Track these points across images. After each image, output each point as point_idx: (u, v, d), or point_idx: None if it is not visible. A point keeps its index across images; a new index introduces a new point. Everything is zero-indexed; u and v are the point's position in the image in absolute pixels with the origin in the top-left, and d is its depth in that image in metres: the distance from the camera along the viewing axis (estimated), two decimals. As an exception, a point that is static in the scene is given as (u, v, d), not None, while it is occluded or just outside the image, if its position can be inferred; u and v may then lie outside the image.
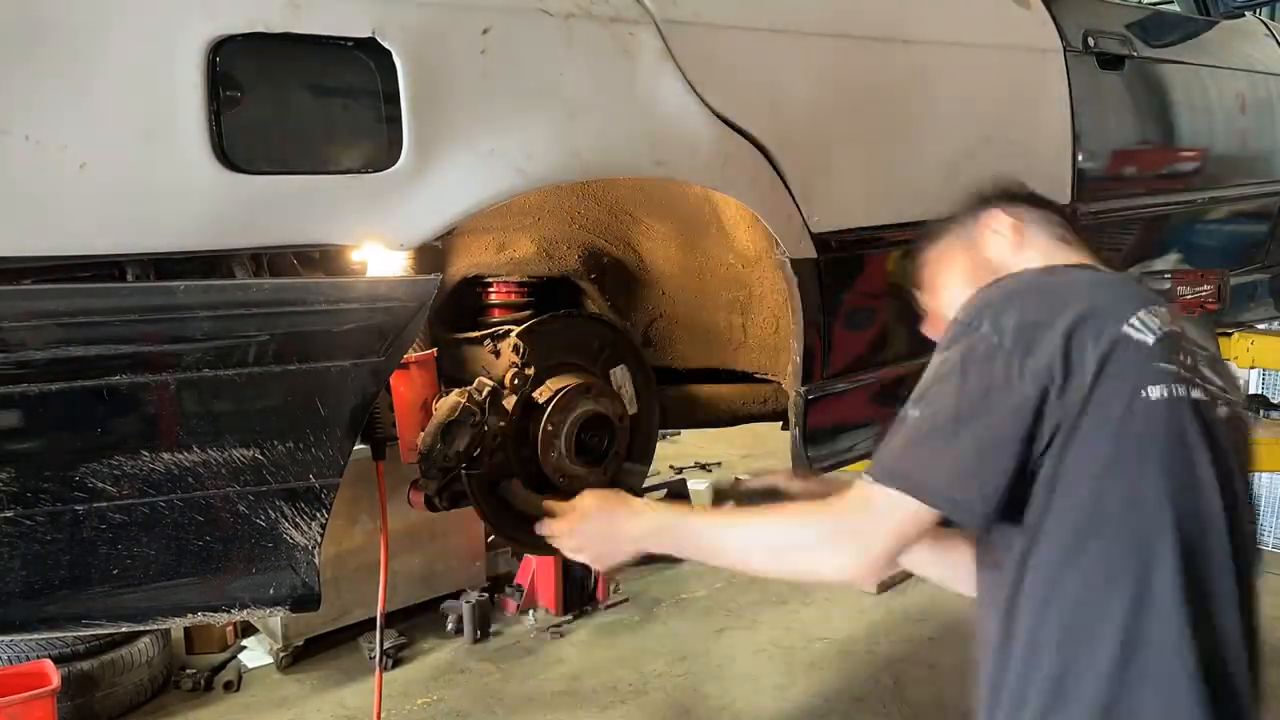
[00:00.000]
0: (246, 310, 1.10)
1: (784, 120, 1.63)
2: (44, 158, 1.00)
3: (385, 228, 1.19)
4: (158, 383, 1.07)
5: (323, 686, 3.84)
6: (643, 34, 1.41)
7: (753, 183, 1.58)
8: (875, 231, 1.87)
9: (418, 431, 1.54)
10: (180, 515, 1.11)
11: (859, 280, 1.90)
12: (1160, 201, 2.76)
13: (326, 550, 1.23)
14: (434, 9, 1.20)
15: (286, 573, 1.18)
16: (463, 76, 1.23)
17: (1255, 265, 3.30)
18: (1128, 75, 2.53)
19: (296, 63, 1.13)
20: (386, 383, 1.47)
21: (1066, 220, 1.42)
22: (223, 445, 1.11)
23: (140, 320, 1.06)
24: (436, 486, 1.61)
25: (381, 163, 1.18)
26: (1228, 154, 3.00)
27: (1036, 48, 2.25)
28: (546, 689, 3.83)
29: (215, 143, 1.07)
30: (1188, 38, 2.82)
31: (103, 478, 1.06)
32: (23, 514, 1.03)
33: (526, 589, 4.49)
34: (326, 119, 1.16)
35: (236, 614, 1.22)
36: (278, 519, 1.16)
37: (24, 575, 1.05)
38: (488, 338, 1.68)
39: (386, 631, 4.10)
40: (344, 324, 1.15)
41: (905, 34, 1.88)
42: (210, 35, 1.06)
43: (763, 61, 1.61)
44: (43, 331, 1.00)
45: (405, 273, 1.29)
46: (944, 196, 2.00)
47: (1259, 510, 1.27)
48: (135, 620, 1.17)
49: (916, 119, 1.92)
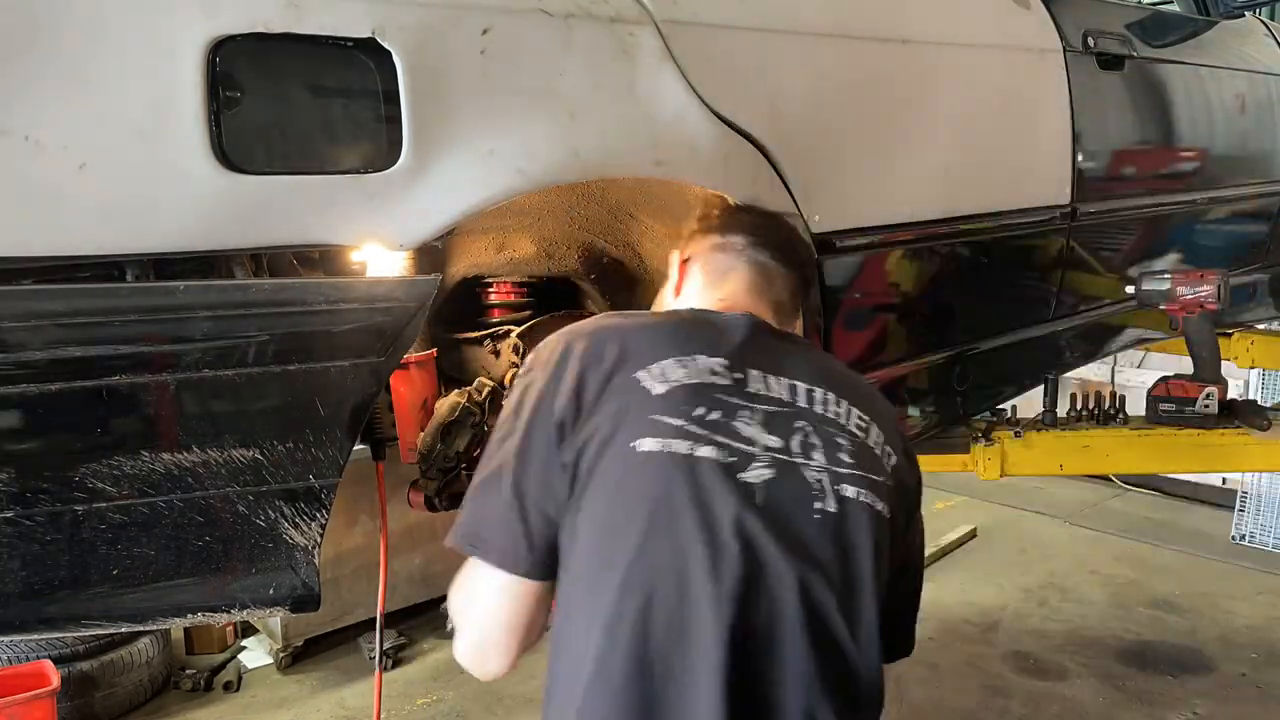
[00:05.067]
0: (246, 310, 1.10)
1: (784, 120, 1.63)
2: (44, 158, 1.00)
3: (385, 228, 1.19)
4: (158, 383, 1.07)
5: (323, 687, 3.84)
6: (642, 34, 1.41)
7: (752, 183, 1.58)
8: (875, 231, 1.87)
9: (417, 431, 1.54)
10: (180, 515, 1.11)
11: (859, 280, 1.91)
12: (1160, 201, 2.77)
13: (326, 550, 1.23)
14: (434, 9, 1.20)
15: (286, 573, 1.18)
16: (463, 77, 1.23)
17: (1255, 265, 3.30)
18: (1128, 75, 2.53)
19: (296, 63, 1.13)
20: (386, 383, 1.47)
21: (780, 242, 1.34)
22: (222, 445, 1.11)
23: (140, 320, 1.06)
24: (436, 486, 1.61)
25: (381, 163, 1.18)
26: (1227, 154, 3.00)
27: (1036, 48, 2.25)
28: (546, 689, 3.82)
29: (215, 143, 1.07)
30: (1187, 38, 2.82)
31: (102, 478, 1.06)
32: (23, 514, 1.03)
33: (526, 589, 4.49)
34: (326, 119, 1.16)
35: (236, 614, 1.22)
36: (277, 519, 1.16)
37: (24, 575, 1.05)
38: (488, 338, 1.68)
39: (386, 631, 4.10)
40: (344, 324, 1.15)
41: (905, 34, 1.88)
42: (210, 35, 1.06)
43: (763, 61, 1.61)
44: (43, 331, 1.00)
45: (405, 273, 1.29)
46: (943, 196, 2.01)
47: (861, 608, 1.10)
48: (135, 620, 1.17)
49: (916, 119, 1.92)
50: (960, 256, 2.18)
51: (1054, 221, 2.35)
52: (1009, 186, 2.21)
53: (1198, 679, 3.80)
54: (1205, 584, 4.69)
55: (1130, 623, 4.28)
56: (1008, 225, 2.23)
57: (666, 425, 1.07)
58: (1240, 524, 5.34)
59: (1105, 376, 5.58)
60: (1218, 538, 5.31)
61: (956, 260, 2.17)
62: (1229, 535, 5.33)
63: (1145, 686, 3.74)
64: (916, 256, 2.05)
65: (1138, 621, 4.30)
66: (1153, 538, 5.30)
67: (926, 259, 2.08)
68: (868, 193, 1.83)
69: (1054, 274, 2.48)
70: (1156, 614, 4.37)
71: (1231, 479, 5.48)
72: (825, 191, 1.72)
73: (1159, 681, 3.78)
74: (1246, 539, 5.28)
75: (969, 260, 2.20)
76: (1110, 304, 2.73)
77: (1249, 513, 5.32)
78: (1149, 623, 4.29)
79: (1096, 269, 2.63)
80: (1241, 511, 5.35)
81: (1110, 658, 3.96)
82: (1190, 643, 4.09)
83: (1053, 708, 3.59)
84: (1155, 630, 4.22)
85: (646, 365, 1.11)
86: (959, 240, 2.13)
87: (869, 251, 1.89)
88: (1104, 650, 4.02)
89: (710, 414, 1.09)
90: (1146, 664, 3.91)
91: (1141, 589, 4.64)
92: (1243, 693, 3.70)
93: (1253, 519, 5.31)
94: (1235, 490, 5.39)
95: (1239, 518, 5.35)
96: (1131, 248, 2.77)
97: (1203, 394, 2.53)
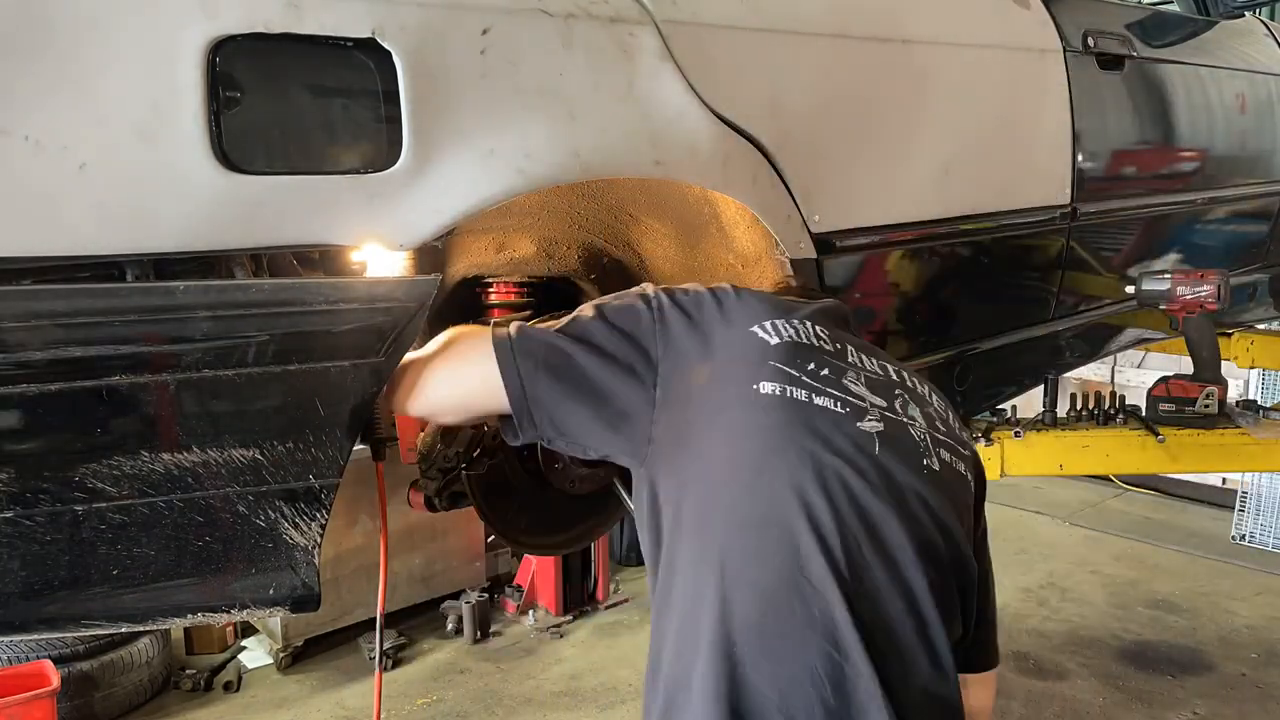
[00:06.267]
0: (246, 310, 1.10)
1: (784, 120, 1.63)
2: (44, 158, 0.99)
3: (385, 228, 1.19)
4: (157, 383, 1.07)
5: (322, 687, 3.84)
6: (642, 34, 1.41)
7: (752, 182, 1.58)
8: (875, 231, 1.87)
9: (417, 432, 1.53)
10: (180, 516, 1.11)
11: (859, 280, 1.91)
12: (1160, 201, 2.77)
13: (326, 551, 1.23)
14: (434, 9, 1.20)
15: (286, 573, 1.18)
16: (463, 76, 1.23)
17: (1255, 265, 3.30)
18: (1128, 75, 2.53)
19: (296, 63, 1.13)
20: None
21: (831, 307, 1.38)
22: (222, 445, 1.11)
23: (140, 320, 1.06)
24: (436, 487, 1.61)
25: (381, 163, 1.18)
26: (1227, 154, 3.00)
27: (1036, 48, 2.25)
28: (546, 689, 3.83)
29: (215, 143, 1.07)
30: (1187, 38, 2.83)
31: (102, 478, 1.06)
32: (23, 514, 1.03)
33: (526, 589, 4.50)
34: (326, 119, 1.16)
35: (236, 614, 1.21)
36: (277, 519, 1.16)
37: (24, 576, 1.05)
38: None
39: (386, 632, 4.10)
40: (344, 324, 1.15)
41: (905, 34, 1.88)
42: (210, 35, 1.06)
43: (762, 61, 1.61)
44: (43, 331, 1.00)
45: (405, 273, 1.29)
46: (943, 196, 2.01)
47: (971, 567, 1.16)
48: (135, 621, 1.17)
49: (916, 119, 1.92)
50: (960, 256, 2.18)
51: (1054, 221, 2.35)
52: (1009, 186, 2.21)
53: (1198, 679, 3.80)
54: (1205, 584, 4.69)
55: (1130, 622, 4.29)
56: (1008, 225, 2.23)
57: (784, 372, 1.12)
58: (1240, 524, 5.34)
59: (1105, 376, 5.58)
60: (1218, 538, 5.32)
61: (956, 260, 2.17)
62: (1229, 535, 5.33)
63: (1145, 686, 3.74)
64: (916, 256, 2.05)
65: (1138, 621, 4.30)
66: (1153, 538, 5.30)
67: (926, 259, 2.08)
68: (868, 193, 1.83)
69: (1054, 274, 2.48)
70: (1156, 614, 4.38)
71: (1231, 479, 5.49)
72: (825, 191, 1.72)
73: (1159, 681, 3.79)
74: (1246, 539, 5.29)
75: (969, 260, 2.20)
76: (1110, 304, 2.73)
77: (1249, 513, 5.32)
78: (1149, 622, 4.29)
79: (1096, 269, 2.63)
80: (1241, 511, 5.35)
81: (1110, 658, 3.97)
82: (1190, 643, 4.10)
83: (1053, 708, 3.60)
84: (1155, 630, 4.22)
85: (760, 321, 1.17)
86: (959, 240, 2.13)
87: (869, 251, 1.89)
88: (1104, 650, 4.02)
89: (821, 370, 1.15)
90: (1146, 664, 3.92)
91: (1141, 589, 4.65)
92: (1243, 693, 3.70)
93: (1253, 519, 5.31)
94: (1235, 490, 5.40)
95: (1239, 518, 5.36)
96: (1131, 248, 2.77)
97: (1203, 394, 2.53)
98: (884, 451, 1.12)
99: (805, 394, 1.12)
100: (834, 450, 1.09)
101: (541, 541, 1.84)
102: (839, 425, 1.11)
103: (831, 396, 1.13)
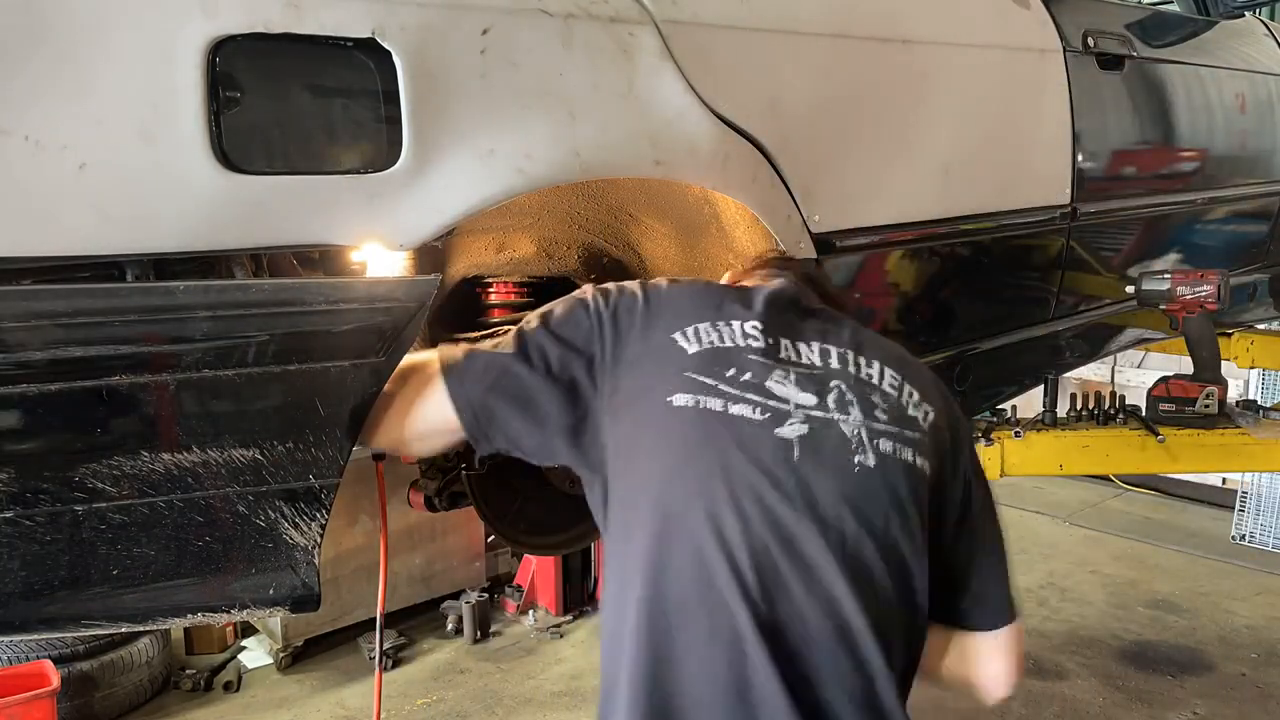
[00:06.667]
0: (246, 310, 1.10)
1: (784, 120, 1.63)
2: (44, 158, 0.99)
3: (385, 228, 1.19)
4: (157, 383, 1.07)
5: (322, 687, 3.85)
6: (642, 34, 1.41)
7: (752, 182, 1.58)
8: (875, 231, 1.87)
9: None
10: (180, 516, 1.10)
11: (859, 280, 1.91)
12: (1160, 201, 2.77)
13: (326, 551, 1.23)
14: (434, 9, 1.20)
15: (286, 573, 1.18)
16: (462, 77, 1.23)
17: (1255, 265, 3.30)
18: (1127, 75, 2.53)
19: (296, 63, 1.13)
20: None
21: (799, 277, 1.37)
22: (222, 445, 1.11)
23: (140, 320, 1.06)
24: (436, 486, 1.61)
25: (381, 163, 1.18)
26: (1227, 154, 3.00)
27: (1036, 48, 2.25)
28: (546, 689, 3.83)
29: (215, 143, 1.07)
30: (1187, 38, 2.82)
31: (102, 478, 1.05)
32: (23, 514, 1.03)
33: (526, 589, 4.50)
34: (326, 119, 1.16)
35: (236, 614, 1.21)
36: (277, 519, 1.16)
37: (24, 575, 1.05)
38: (487, 338, 1.68)
39: (386, 632, 4.10)
40: (344, 324, 1.15)
41: (905, 34, 1.88)
42: (210, 35, 1.06)
43: (762, 61, 1.61)
44: (43, 331, 1.00)
45: (405, 273, 1.29)
46: (943, 196, 2.01)
47: (903, 561, 1.12)
48: (135, 621, 1.17)
49: (916, 119, 1.92)
50: (960, 256, 2.18)
51: (1054, 221, 2.35)
52: (1009, 186, 2.21)
53: (1198, 679, 3.80)
54: (1205, 584, 4.69)
55: (1130, 622, 4.29)
56: (1008, 225, 2.23)
57: (699, 383, 1.12)
58: (1240, 524, 5.34)
59: (1105, 376, 5.58)
60: (1218, 538, 5.32)
61: (956, 260, 2.17)
62: (1229, 535, 5.33)
63: (1145, 686, 3.74)
64: (916, 256, 2.05)
65: (1137, 621, 4.30)
66: (1153, 538, 5.30)
67: (926, 259, 2.09)
68: (868, 192, 1.83)
69: (1054, 274, 2.48)
70: (1156, 614, 4.38)
71: (1231, 479, 5.48)
72: (825, 191, 1.72)
73: (1159, 681, 3.79)
74: (1246, 539, 5.29)
75: (969, 260, 2.20)
76: (1110, 304, 2.73)
77: (1249, 513, 5.32)
78: (1149, 622, 4.29)
79: (1096, 269, 2.63)
80: (1241, 511, 5.35)
81: (1110, 658, 3.97)
82: (1190, 643, 4.10)
83: (1052, 708, 3.60)
84: (1155, 630, 4.22)
85: (682, 327, 1.16)
86: (959, 240, 2.13)
87: (869, 251, 1.89)
88: (1104, 650, 4.02)
89: (742, 375, 1.13)
90: (1146, 664, 3.92)
91: (1141, 589, 4.65)
92: (1243, 693, 3.70)
93: (1253, 519, 5.31)
94: (1235, 490, 5.40)
95: (1239, 518, 5.36)
96: (1131, 248, 2.77)
97: (1203, 394, 2.53)
98: (804, 457, 1.10)
99: (721, 403, 1.11)
100: (749, 459, 1.08)
101: (541, 541, 1.84)
102: (756, 434, 1.10)
103: (750, 403, 1.11)
